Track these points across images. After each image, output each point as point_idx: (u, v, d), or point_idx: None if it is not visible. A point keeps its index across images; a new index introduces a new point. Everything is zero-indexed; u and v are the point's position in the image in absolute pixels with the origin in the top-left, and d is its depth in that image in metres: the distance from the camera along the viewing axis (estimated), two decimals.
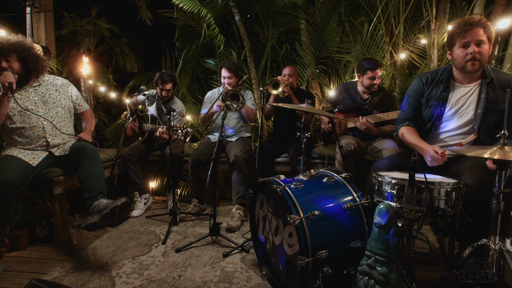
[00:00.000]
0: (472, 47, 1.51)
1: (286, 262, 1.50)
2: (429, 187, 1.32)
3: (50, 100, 2.11)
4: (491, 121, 1.59)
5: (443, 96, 1.68)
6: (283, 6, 3.35)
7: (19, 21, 3.03)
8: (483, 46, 1.50)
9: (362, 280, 1.30)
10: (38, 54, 2.02)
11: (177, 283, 1.65)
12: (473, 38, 1.50)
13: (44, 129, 2.04)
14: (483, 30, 1.49)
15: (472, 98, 1.63)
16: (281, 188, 1.45)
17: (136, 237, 2.24)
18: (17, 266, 1.85)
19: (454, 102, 1.68)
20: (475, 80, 1.65)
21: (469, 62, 1.53)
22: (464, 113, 1.65)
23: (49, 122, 2.05)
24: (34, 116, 2.01)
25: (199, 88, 4.01)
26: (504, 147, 1.19)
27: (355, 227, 1.45)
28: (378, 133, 2.45)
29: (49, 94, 2.11)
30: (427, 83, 1.77)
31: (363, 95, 2.56)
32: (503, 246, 1.23)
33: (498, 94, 1.58)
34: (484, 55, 1.51)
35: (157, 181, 3.54)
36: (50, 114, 2.09)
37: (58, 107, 2.13)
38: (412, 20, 2.97)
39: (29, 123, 2.00)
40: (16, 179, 1.77)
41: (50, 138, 2.06)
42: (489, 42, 1.52)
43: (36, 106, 2.03)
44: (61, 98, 2.16)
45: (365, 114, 2.47)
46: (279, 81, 2.49)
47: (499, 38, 2.47)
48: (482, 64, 1.53)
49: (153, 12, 3.76)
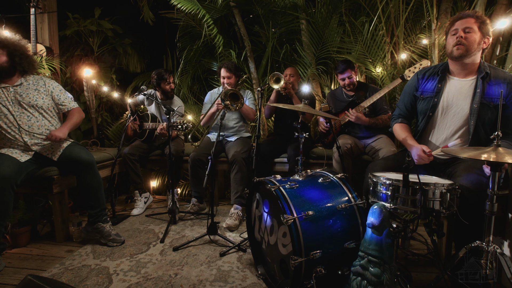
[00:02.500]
0: (459, 32, 1.58)
1: (280, 262, 1.51)
2: (424, 188, 1.32)
3: (26, 100, 2.04)
4: (487, 117, 1.58)
5: (437, 87, 1.71)
6: (284, 7, 3.35)
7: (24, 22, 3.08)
8: (471, 33, 1.55)
9: (355, 281, 1.30)
10: (28, 53, 2.06)
11: (173, 281, 1.66)
12: (462, 25, 1.57)
13: (20, 130, 2.01)
14: (474, 20, 1.56)
15: (468, 93, 1.63)
16: (276, 188, 1.45)
17: (135, 236, 2.26)
18: (17, 263, 1.88)
19: (448, 94, 1.68)
20: (471, 75, 1.65)
21: (455, 46, 1.59)
22: (459, 107, 1.65)
23: (24, 123, 2.02)
24: (10, 116, 1.99)
25: (200, 88, 4.04)
26: (498, 148, 1.18)
27: (349, 227, 1.45)
28: (371, 123, 2.46)
29: (26, 93, 2.05)
30: (423, 77, 1.81)
31: (348, 93, 2.66)
32: (497, 248, 1.22)
33: (494, 90, 1.58)
34: (470, 40, 1.56)
35: (158, 180, 3.57)
36: (26, 114, 2.03)
37: (34, 107, 2.06)
38: (413, 20, 2.95)
39: (5, 122, 1.99)
40: (9, 173, 1.81)
41: (27, 138, 2.02)
42: (480, 32, 1.55)
43: (13, 106, 2.01)
44: (38, 98, 2.08)
45: (354, 107, 2.53)
46: (281, 76, 2.50)
47: (501, 38, 2.44)
48: (467, 49, 1.57)
49: (155, 12, 3.80)
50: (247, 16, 3.74)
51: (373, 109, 2.54)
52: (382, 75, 3.01)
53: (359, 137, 2.55)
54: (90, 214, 2.11)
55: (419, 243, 2.06)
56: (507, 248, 1.59)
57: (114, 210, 2.62)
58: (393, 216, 1.49)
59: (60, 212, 2.18)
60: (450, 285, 1.52)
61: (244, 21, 3.55)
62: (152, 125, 2.87)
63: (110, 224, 2.17)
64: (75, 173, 2.12)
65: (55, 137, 2.00)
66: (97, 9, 3.79)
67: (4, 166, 1.82)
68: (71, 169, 2.11)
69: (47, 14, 3.07)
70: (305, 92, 2.83)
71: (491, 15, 2.47)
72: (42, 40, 3.08)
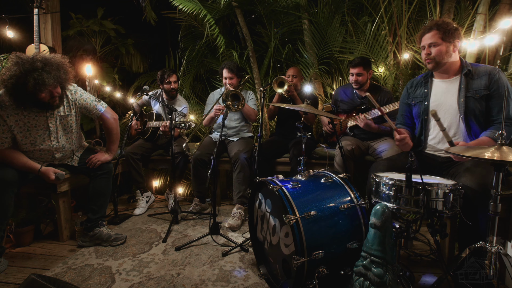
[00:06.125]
0: (426, 49, 1.72)
1: (282, 262, 1.50)
2: (427, 188, 1.31)
3: (66, 126, 2.03)
4: (477, 109, 1.65)
5: (424, 92, 1.84)
6: (286, 6, 3.35)
7: (27, 22, 3.10)
8: (436, 47, 1.67)
9: (358, 281, 1.29)
10: (67, 66, 1.89)
11: (176, 281, 1.67)
12: (427, 41, 1.70)
13: (54, 154, 2.03)
14: (436, 32, 1.66)
15: (453, 90, 1.73)
16: (278, 188, 1.45)
17: (138, 235, 2.27)
18: (21, 262, 1.89)
19: (436, 95, 1.79)
20: (454, 75, 1.75)
21: (426, 61, 1.74)
22: (447, 104, 1.74)
23: (59, 146, 2.03)
24: (54, 142, 1.99)
25: (203, 88, 4.04)
26: (502, 147, 1.17)
27: (352, 228, 1.45)
28: (379, 130, 2.45)
29: (66, 121, 2.02)
30: (411, 87, 1.95)
31: (360, 93, 2.60)
32: (501, 248, 1.21)
33: (477, 83, 1.66)
34: (437, 53, 1.68)
35: (160, 179, 3.58)
36: (64, 138, 2.04)
37: (70, 132, 2.06)
38: (416, 20, 2.94)
39: (41, 150, 1.97)
40: (11, 178, 1.81)
41: (57, 154, 2.05)
42: (445, 42, 1.66)
43: (55, 132, 1.99)
44: (72, 122, 2.05)
45: (364, 112, 2.50)
46: (285, 80, 2.50)
47: (504, 38, 2.43)
48: (437, 61, 1.69)
49: (158, 13, 3.81)
50: (249, 16, 3.74)
51: (382, 116, 2.51)
52: (384, 75, 3.01)
53: (363, 138, 2.54)
54: (89, 218, 2.12)
55: (422, 243, 2.05)
56: (510, 249, 1.58)
57: (116, 209, 2.62)
58: (395, 217, 1.49)
59: (63, 212, 2.19)
60: (453, 285, 1.51)
61: (246, 21, 3.55)
62: (155, 123, 2.88)
63: (107, 226, 2.18)
64: (90, 176, 2.14)
65: (96, 161, 2.12)
66: (99, 9, 3.80)
67: (8, 169, 1.83)
68: (88, 171, 2.14)
69: (50, 14, 3.09)
70: (307, 92, 2.83)
71: (495, 14, 2.46)
72: (45, 40, 3.10)
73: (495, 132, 1.57)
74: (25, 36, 3.20)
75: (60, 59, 1.84)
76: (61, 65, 1.82)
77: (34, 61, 1.71)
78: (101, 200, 2.15)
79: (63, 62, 1.84)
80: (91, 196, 2.13)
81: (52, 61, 1.77)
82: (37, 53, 1.79)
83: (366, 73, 2.48)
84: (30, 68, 1.68)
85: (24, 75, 1.67)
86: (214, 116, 2.71)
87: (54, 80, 1.75)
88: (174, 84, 2.92)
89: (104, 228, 2.14)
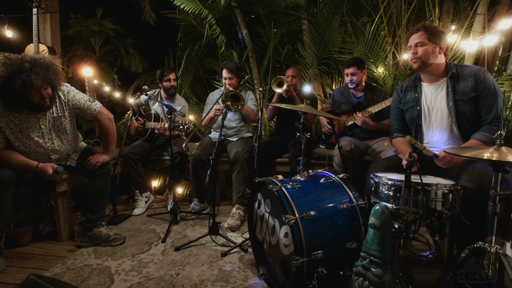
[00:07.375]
0: (413, 48, 1.72)
1: (282, 262, 1.51)
2: (426, 188, 1.32)
3: (60, 127, 2.00)
4: (467, 111, 1.66)
5: (415, 96, 1.85)
6: (286, 7, 3.35)
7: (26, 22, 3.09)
8: (423, 47, 1.68)
9: (357, 281, 1.29)
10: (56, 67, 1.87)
11: (175, 281, 1.66)
12: (414, 40, 1.71)
13: (50, 155, 2.01)
14: (423, 32, 1.68)
15: (442, 94, 1.74)
16: (277, 188, 1.45)
17: (137, 235, 2.27)
18: (19, 262, 1.89)
19: (426, 100, 1.80)
20: (440, 78, 1.76)
21: (412, 61, 1.74)
22: (438, 109, 1.76)
23: (54, 147, 2.01)
24: (47, 144, 1.97)
25: (202, 88, 4.04)
26: (501, 147, 1.17)
27: (351, 228, 1.45)
28: (377, 127, 2.47)
29: (60, 122, 1.99)
30: (402, 91, 1.94)
31: (356, 93, 2.64)
32: (500, 249, 1.21)
33: (464, 85, 1.67)
34: (423, 53, 1.68)
35: (159, 180, 3.57)
36: (58, 140, 2.02)
37: (64, 133, 2.03)
38: (415, 20, 2.94)
39: (37, 151, 1.96)
40: (8, 178, 1.80)
41: (53, 155, 2.03)
42: (431, 42, 1.66)
43: (49, 134, 1.97)
44: (66, 124, 2.02)
45: (361, 110, 2.52)
46: (284, 79, 2.50)
47: (503, 39, 2.44)
48: (423, 61, 1.69)
49: (157, 12, 3.80)
50: (248, 17, 3.74)
51: (379, 113, 2.51)
52: (384, 76, 3.01)
53: (362, 138, 2.55)
54: (88, 218, 2.12)
55: (421, 243, 2.06)
56: (509, 249, 1.58)
57: (115, 210, 2.62)
58: (395, 217, 1.49)
59: (62, 212, 2.18)
60: (452, 286, 1.51)
61: (245, 21, 3.55)
62: (154, 124, 2.88)
63: (106, 226, 2.18)
64: (89, 176, 2.14)
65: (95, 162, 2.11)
66: (99, 9, 3.79)
67: (5, 169, 1.82)
68: (86, 172, 2.13)
69: (49, 14, 3.09)
70: (307, 92, 2.83)
71: (494, 15, 2.47)
72: (44, 40, 3.10)
73: (483, 134, 1.59)
74: (24, 36, 3.19)
75: (50, 59, 1.81)
76: (51, 65, 1.79)
77: (22, 62, 1.67)
78: (100, 200, 2.15)
79: (53, 62, 1.81)
80: (90, 196, 2.13)
81: (41, 61, 1.74)
82: (26, 53, 1.74)
83: (360, 72, 2.52)
84: (18, 69, 1.65)
85: (12, 76, 1.63)
86: (213, 116, 2.72)
87: (42, 81, 1.72)
88: (173, 81, 2.94)
89: (103, 228, 2.14)
